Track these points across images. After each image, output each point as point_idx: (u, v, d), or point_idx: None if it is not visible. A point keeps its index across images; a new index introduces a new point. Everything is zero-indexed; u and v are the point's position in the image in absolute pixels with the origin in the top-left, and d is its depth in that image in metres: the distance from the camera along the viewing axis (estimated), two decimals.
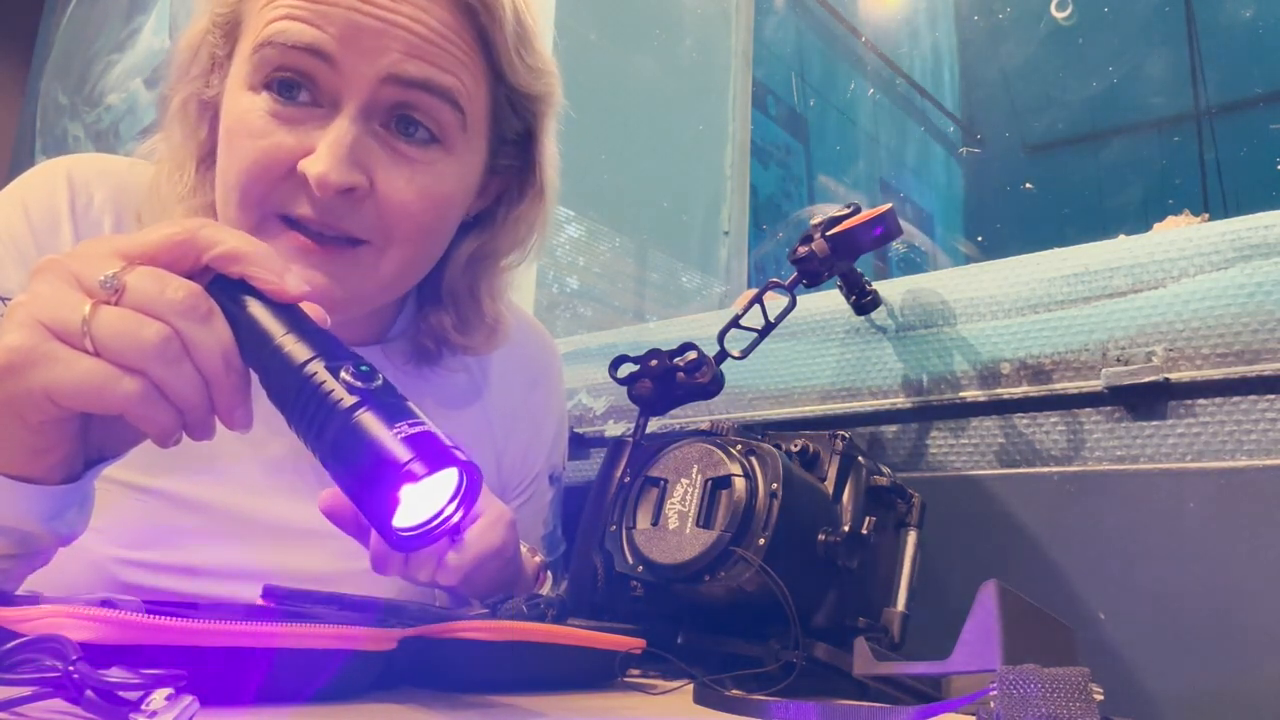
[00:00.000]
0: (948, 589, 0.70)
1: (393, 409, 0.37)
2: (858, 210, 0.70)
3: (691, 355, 0.64)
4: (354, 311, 0.62)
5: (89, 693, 0.30)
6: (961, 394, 0.74)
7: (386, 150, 0.57)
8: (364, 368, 0.38)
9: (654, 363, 0.65)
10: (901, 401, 0.77)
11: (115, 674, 0.30)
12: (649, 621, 0.59)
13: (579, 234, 1.27)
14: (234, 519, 0.62)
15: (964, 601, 0.43)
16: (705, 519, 0.53)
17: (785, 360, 0.85)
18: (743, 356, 0.68)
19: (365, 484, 0.36)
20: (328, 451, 0.37)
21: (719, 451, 0.54)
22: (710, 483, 0.53)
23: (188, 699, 0.30)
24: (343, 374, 0.38)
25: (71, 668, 0.30)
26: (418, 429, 0.37)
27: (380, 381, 0.38)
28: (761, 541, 0.51)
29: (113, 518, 0.58)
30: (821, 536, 0.54)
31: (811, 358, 0.83)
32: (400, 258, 0.59)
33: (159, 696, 0.29)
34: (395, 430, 0.36)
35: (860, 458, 0.61)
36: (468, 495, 0.39)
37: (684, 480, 0.55)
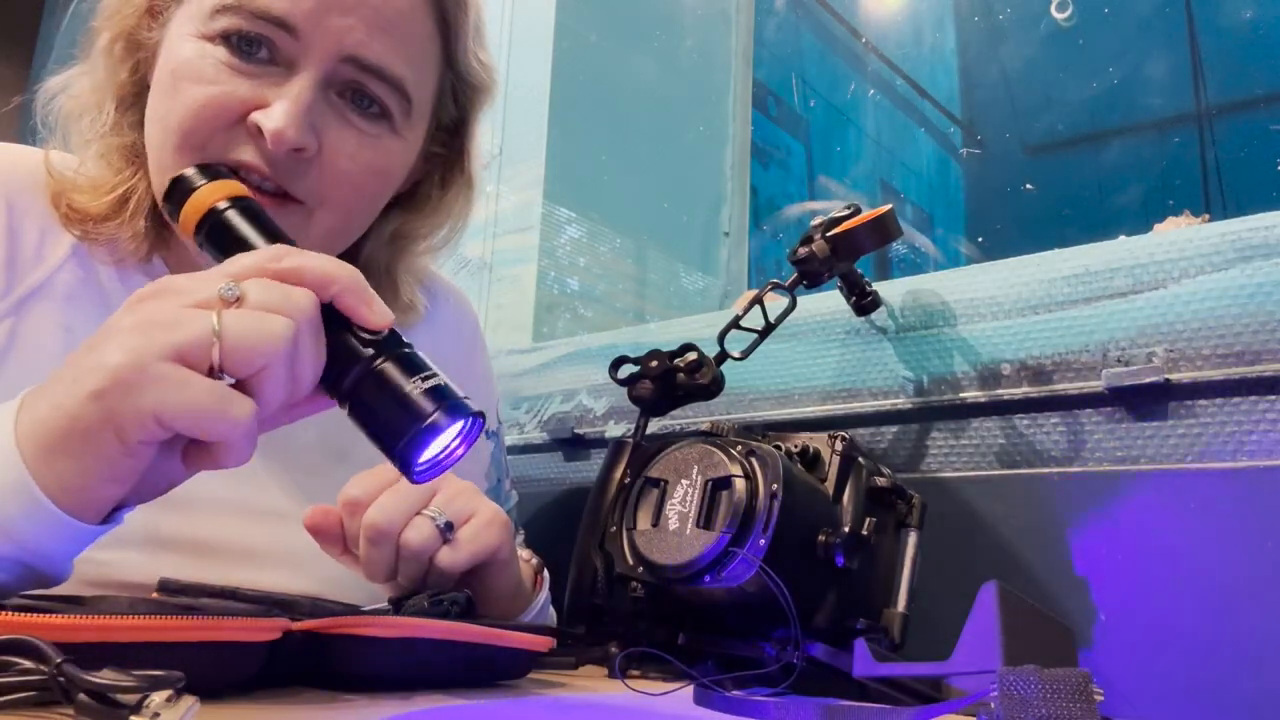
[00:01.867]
0: (948, 589, 0.70)
1: (408, 361, 0.42)
2: (858, 211, 0.70)
3: (692, 356, 0.64)
4: None
5: (82, 696, 0.29)
6: (962, 395, 0.74)
7: (337, 118, 0.58)
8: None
9: (654, 363, 0.65)
10: (902, 402, 0.77)
11: (107, 675, 0.29)
12: (649, 622, 0.59)
13: (579, 235, 1.27)
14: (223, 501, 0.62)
15: (964, 602, 0.43)
16: (705, 520, 0.53)
17: (785, 361, 0.85)
18: (743, 357, 0.68)
19: (394, 434, 0.41)
20: (354, 403, 0.42)
21: (719, 452, 0.54)
22: (710, 483, 0.53)
23: (189, 700, 0.30)
24: (355, 329, 0.42)
25: (56, 670, 0.29)
26: (431, 382, 0.42)
27: (387, 330, 0.43)
28: (762, 542, 0.51)
29: None
30: (822, 537, 0.54)
31: (812, 359, 0.83)
32: (330, 223, 0.60)
33: (159, 698, 0.29)
34: (413, 385, 0.41)
35: (860, 458, 0.61)
36: (470, 434, 0.43)
37: (684, 481, 0.54)
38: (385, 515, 0.54)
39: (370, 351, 0.42)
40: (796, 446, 0.60)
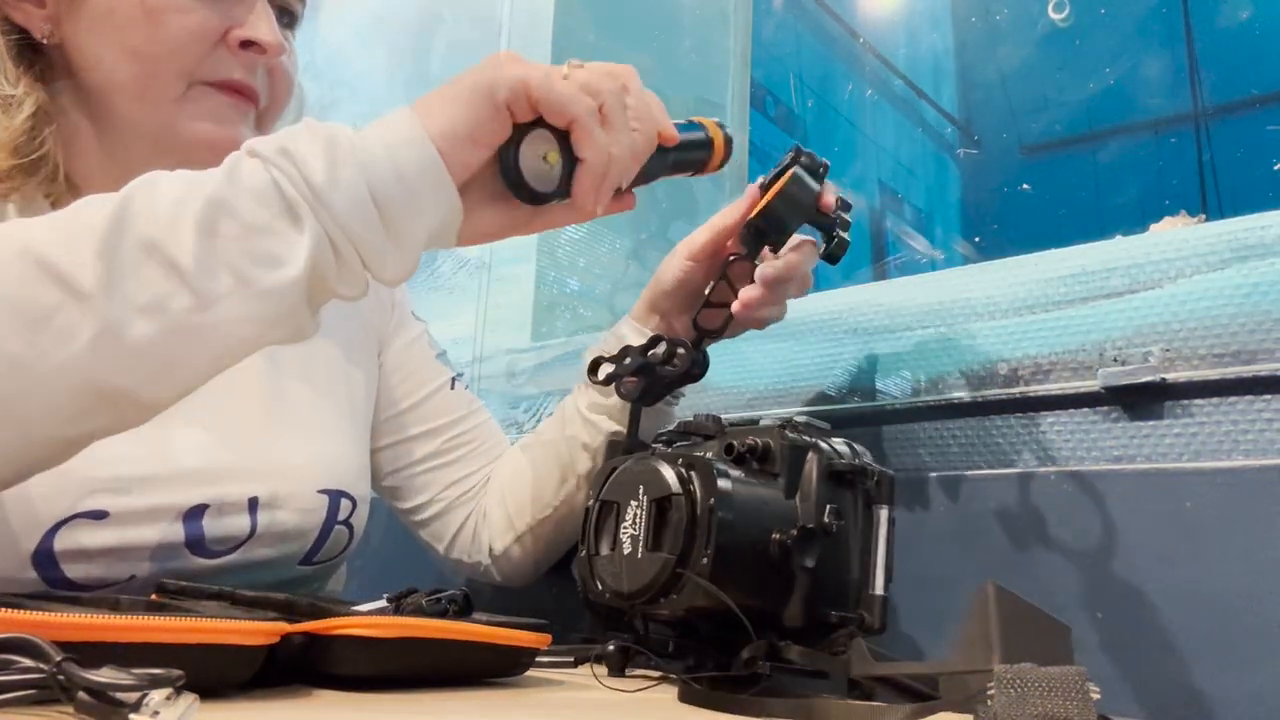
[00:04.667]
0: (945, 588, 0.70)
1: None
2: (797, 159, 0.66)
3: (661, 347, 0.64)
4: None
5: (82, 694, 0.29)
6: (958, 393, 0.74)
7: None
8: None
9: (627, 360, 0.65)
10: (899, 401, 0.77)
11: (107, 673, 0.29)
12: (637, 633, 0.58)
13: (578, 234, 1.27)
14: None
15: (960, 600, 0.43)
16: (655, 541, 0.52)
17: (782, 360, 0.85)
18: (721, 331, 0.68)
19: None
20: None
21: (660, 468, 0.53)
22: (655, 504, 0.52)
23: (189, 697, 0.30)
24: None
25: (56, 668, 0.29)
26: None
27: None
28: (705, 561, 0.50)
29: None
30: (776, 535, 0.53)
31: (808, 357, 0.83)
32: (271, 120, 0.72)
33: (158, 696, 0.29)
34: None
35: (818, 442, 0.58)
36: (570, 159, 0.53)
37: (633, 502, 0.53)
38: None
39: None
40: (744, 445, 0.57)
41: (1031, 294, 0.72)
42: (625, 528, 0.53)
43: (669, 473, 0.52)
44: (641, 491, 0.53)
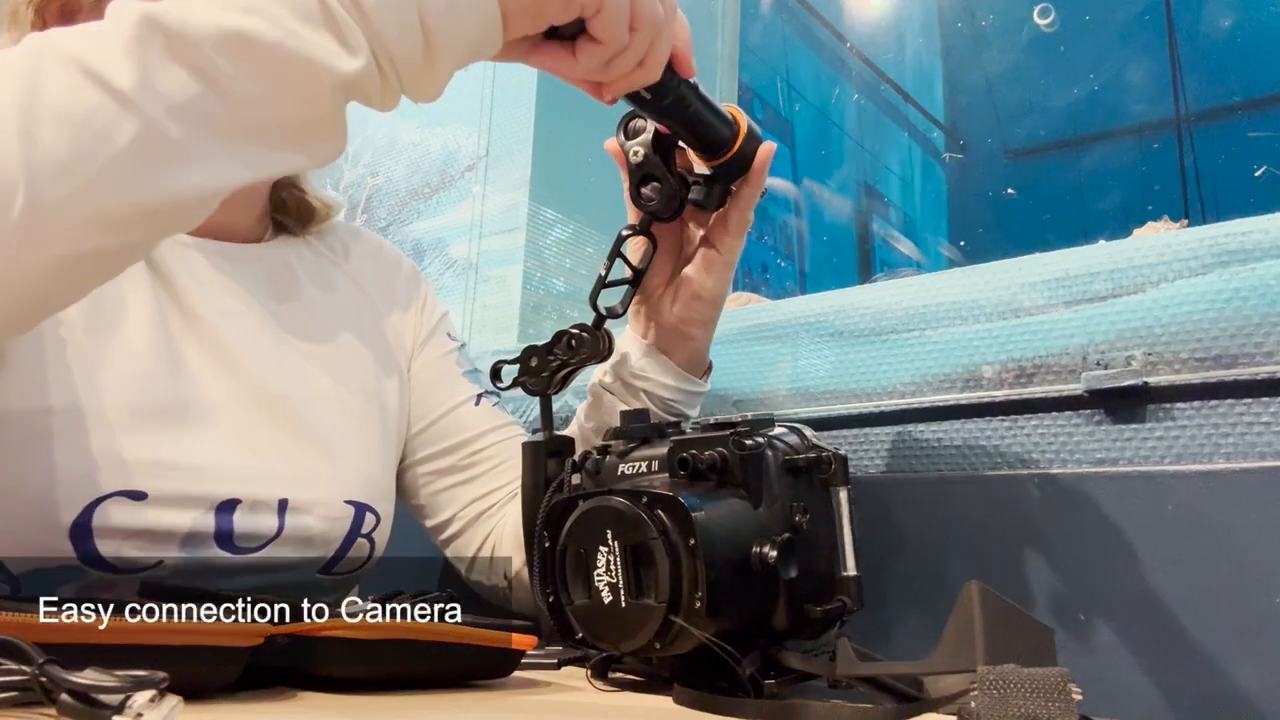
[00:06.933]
0: (929, 589, 0.71)
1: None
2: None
3: (559, 342, 0.66)
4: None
5: (64, 696, 0.29)
6: (943, 396, 0.74)
7: None
8: None
9: (534, 360, 0.67)
10: (883, 404, 0.78)
11: (90, 675, 0.29)
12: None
13: (565, 235, 1.27)
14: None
15: (945, 601, 0.43)
16: (636, 588, 0.50)
17: (768, 362, 0.85)
18: (623, 311, 0.68)
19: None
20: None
21: (629, 512, 0.51)
22: (631, 550, 0.50)
23: (172, 699, 0.30)
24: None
25: (39, 671, 0.29)
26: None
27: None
28: (698, 604, 0.48)
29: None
30: (756, 548, 0.51)
31: (794, 360, 0.84)
32: None
33: (142, 699, 0.29)
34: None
35: (771, 440, 0.56)
36: None
37: (603, 548, 0.51)
38: None
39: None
40: (700, 459, 0.55)
41: (1016, 297, 0.72)
42: (599, 575, 0.51)
43: (639, 516, 0.50)
44: (610, 536, 0.51)
